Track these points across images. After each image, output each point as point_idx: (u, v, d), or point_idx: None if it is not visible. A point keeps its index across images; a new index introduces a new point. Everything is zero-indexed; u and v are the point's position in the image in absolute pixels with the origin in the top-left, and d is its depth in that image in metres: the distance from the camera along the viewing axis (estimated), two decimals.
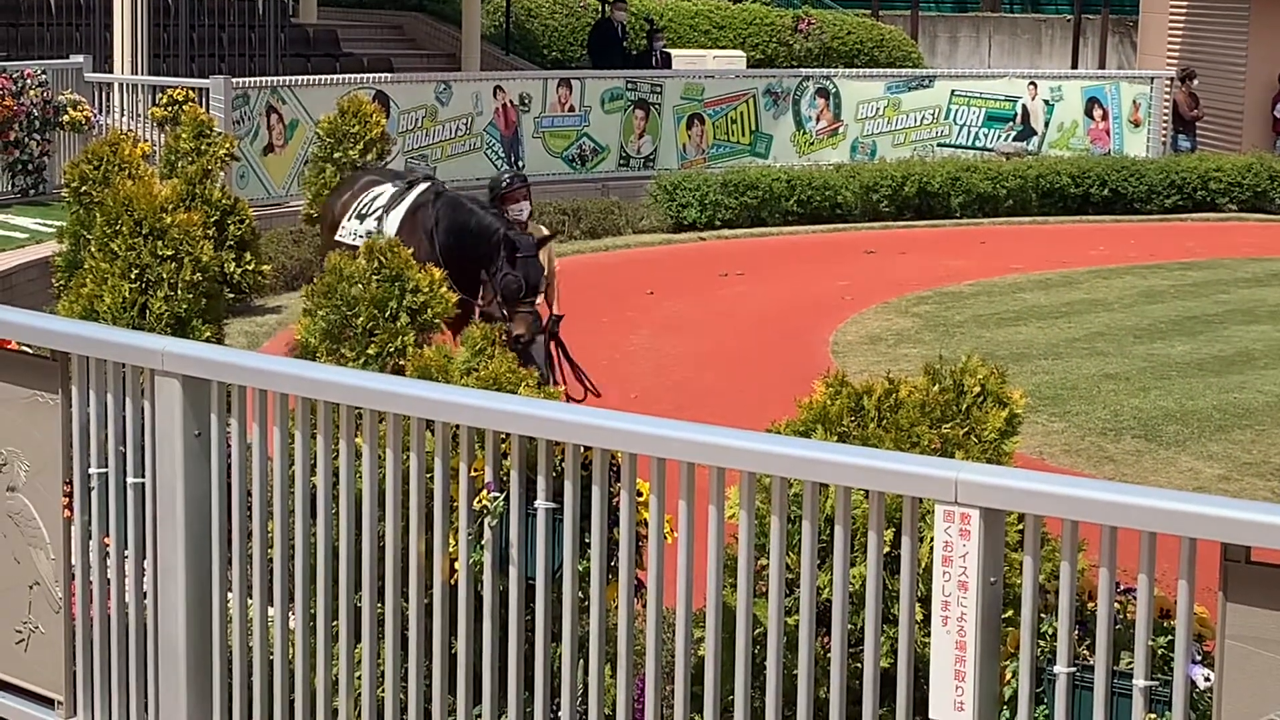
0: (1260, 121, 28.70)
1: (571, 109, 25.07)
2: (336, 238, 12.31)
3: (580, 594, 4.96)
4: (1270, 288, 19.52)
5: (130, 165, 15.49)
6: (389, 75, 24.45)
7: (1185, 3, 31.69)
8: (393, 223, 11.93)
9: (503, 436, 5.05)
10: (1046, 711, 4.34)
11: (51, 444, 5.67)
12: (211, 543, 5.39)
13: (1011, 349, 15.73)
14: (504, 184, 12.09)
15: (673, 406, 13.06)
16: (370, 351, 8.90)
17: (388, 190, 12.37)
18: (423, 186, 12.23)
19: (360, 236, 11.87)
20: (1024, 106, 27.85)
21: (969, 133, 27.54)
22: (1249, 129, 28.93)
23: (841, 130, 26.85)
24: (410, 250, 11.01)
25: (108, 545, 5.62)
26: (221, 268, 14.78)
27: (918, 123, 27.29)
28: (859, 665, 4.59)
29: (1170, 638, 4.23)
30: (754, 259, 21.48)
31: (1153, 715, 4.20)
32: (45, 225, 18.19)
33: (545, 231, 12.24)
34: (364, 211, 12.29)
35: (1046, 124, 27.91)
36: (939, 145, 27.22)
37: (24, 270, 16.36)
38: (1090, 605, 4.41)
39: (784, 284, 19.58)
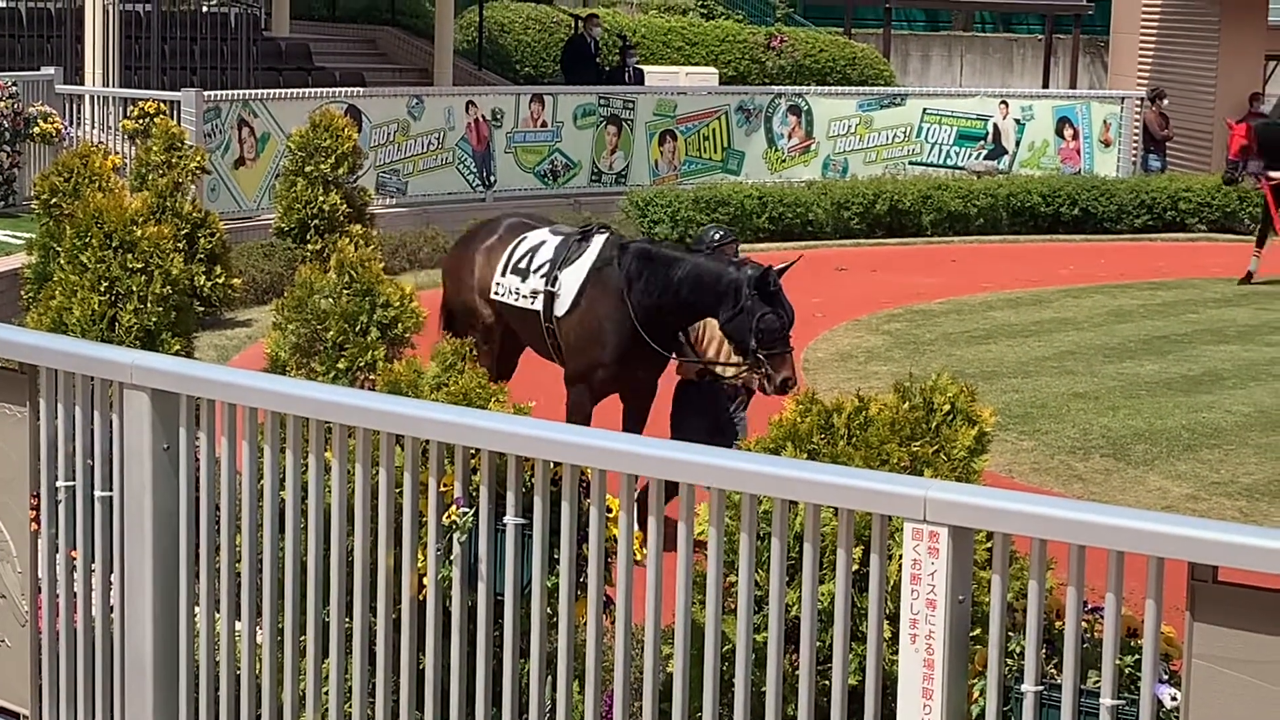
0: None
1: (544, 124, 25.07)
2: (493, 295, 11.09)
3: (549, 610, 4.95)
4: (1239, 308, 19.59)
5: (101, 178, 15.45)
6: (361, 89, 24.43)
7: (1156, 23, 31.81)
8: (571, 281, 10.68)
9: (472, 452, 5.04)
10: None
11: (19, 457, 5.65)
12: (179, 557, 5.37)
13: (981, 367, 15.75)
14: (716, 239, 10.74)
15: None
16: (340, 366, 8.88)
17: (549, 241, 11.04)
18: (601, 239, 10.85)
19: (526, 296, 10.83)
20: (995, 125, 27.92)
21: (940, 151, 27.60)
22: (1219, 149, 28.99)
23: (813, 147, 26.89)
24: (600, 314, 10.48)
25: (75, 559, 5.59)
26: (192, 281, 14.75)
27: (889, 141, 27.35)
28: (827, 683, 4.59)
29: (1137, 657, 4.24)
30: None
31: None
32: (14, 237, 18.14)
33: None
34: (523, 266, 10.95)
35: (1018, 143, 27.98)
36: (910, 163, 27.28)
37: None
38: (1058, 624, 4.41)
39: None
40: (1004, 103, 28.26)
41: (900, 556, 4.36)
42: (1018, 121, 28.06)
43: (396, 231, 21.42)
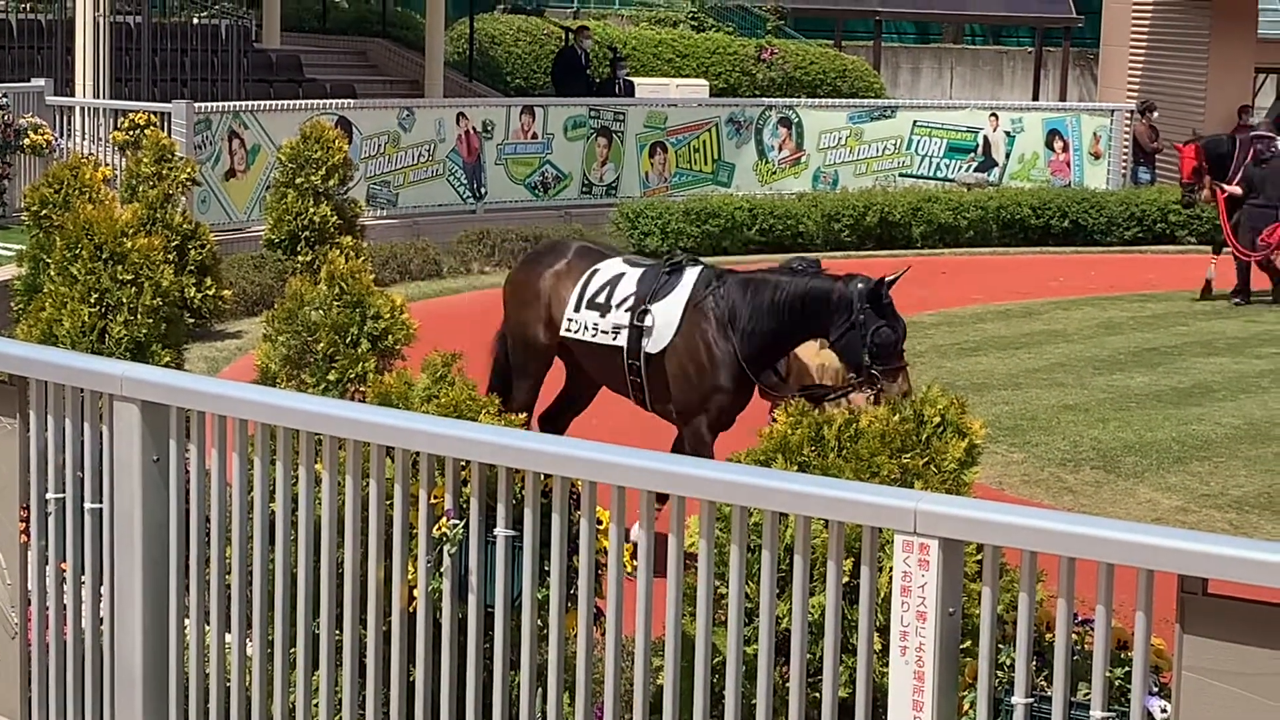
0: None
1: (534, 136, 25.08)
2: (565, 332, 10.54)
3: (539, 622, 4.95)
4: (1228, 320, 19.61)
5: (91, 189, 15.44)
6: (352, 101, 24.44)
7: (1145, 36, 31.87)
8: (667, 317, 10.17)
9: (463, 464, 5.04)
10: None
11: (9, 468, 5.64)
12: (169, 569, 5.37)
13: (972, 379, 15.76)
14: (798, 269, 10.22)
15: (634, 435, 13.04)
16: (331, 377, 8.89)
17: (629, 273, 10.47)
18: (695, 271, 10.35)
19: (607, 332, 10.32)
20: (985, 138, 27.95)
21: (930, 163, 27.63)
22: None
23: (804, 159, 26.91)
24: (705, 346, 10.00)
25: (65, 570, 5.59)
26: (182, 293, 14.73)
27: (879, 153, 27.37)
28: (817, 695, 4.59)
29: (1127, 669, 4.25)
30: None
31: None
32: (4, 249, 18.12)
33: None
34: (602, 300, 10.40)
35: (1007, 155, 28.01)
36: (901, 175, 27.31)
37: None
38: (1048, 636, 4.42)
39: None
40: (994, 115, 28.29)
41: (890, 569, 4.36)
42: (1008, 134, 28.09)
43: (387, 243, 21.42)
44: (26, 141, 20.48)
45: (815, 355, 10.32)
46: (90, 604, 5.55)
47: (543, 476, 4.87)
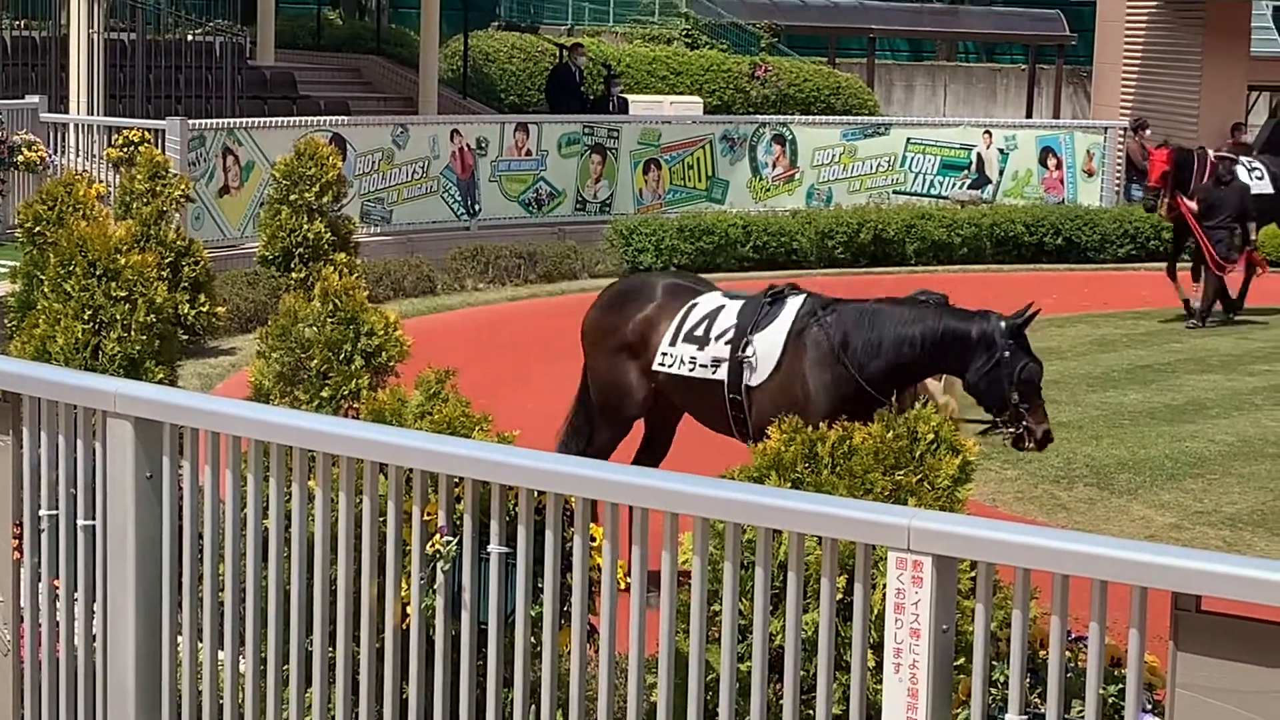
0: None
1: (528, 153, 25.10)
2: (658, 366, 10.11)
3: (533, 639, 4.95)
4: (1222, 337, 19.64)
5: (85, 206, 15.45)
6: (346, 118, 24.46)
7: (1139, 54, 31.92)
8: (769, 347, 9.80)
9: (456, 480, 5.04)
10: None
11: (1, 485, 5.63)
12: (162, 585, 5.36)
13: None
14: (924, 300, 9.92)
15: (626, 451, 13.03)
16: (324, 394, 8.89)
17: (729, 306, 10.12)
18: (797, 301, 10.00)
19: (706, 365, 9.92)
20: (979, 155, 27.99)
21: (924, 180, 27.66)
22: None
23: (797, 176, 26.94)
24: (808, 377, 9.59)
25: (57, 588, 5.58)
26: (175, 309, 14.74)
27: (873, 170, 27.41)
28: (811, 712, 4.58)
29: (1121, 686, 4.24)
30: None
31: None
32: None
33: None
34: (700, 333, 10.02)
35: (1001, 172, 28.05)
36: (894, 192, 27.34)
37: None
38: (1042, 653, 4.41)
39: None
40: (987, 132, 28.34)
41: (884, 586, 4.36)
42: (1001, 151, 28.13)
43: (381, 260, 21.43)
44: (20, 158, 20.49)
45: (934, 381, 10.09)
46: (83, 621, 5.54)
47: (536, 493, 4.87)
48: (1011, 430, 9.61)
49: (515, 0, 42.22)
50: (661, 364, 10.09)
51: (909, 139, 27.71)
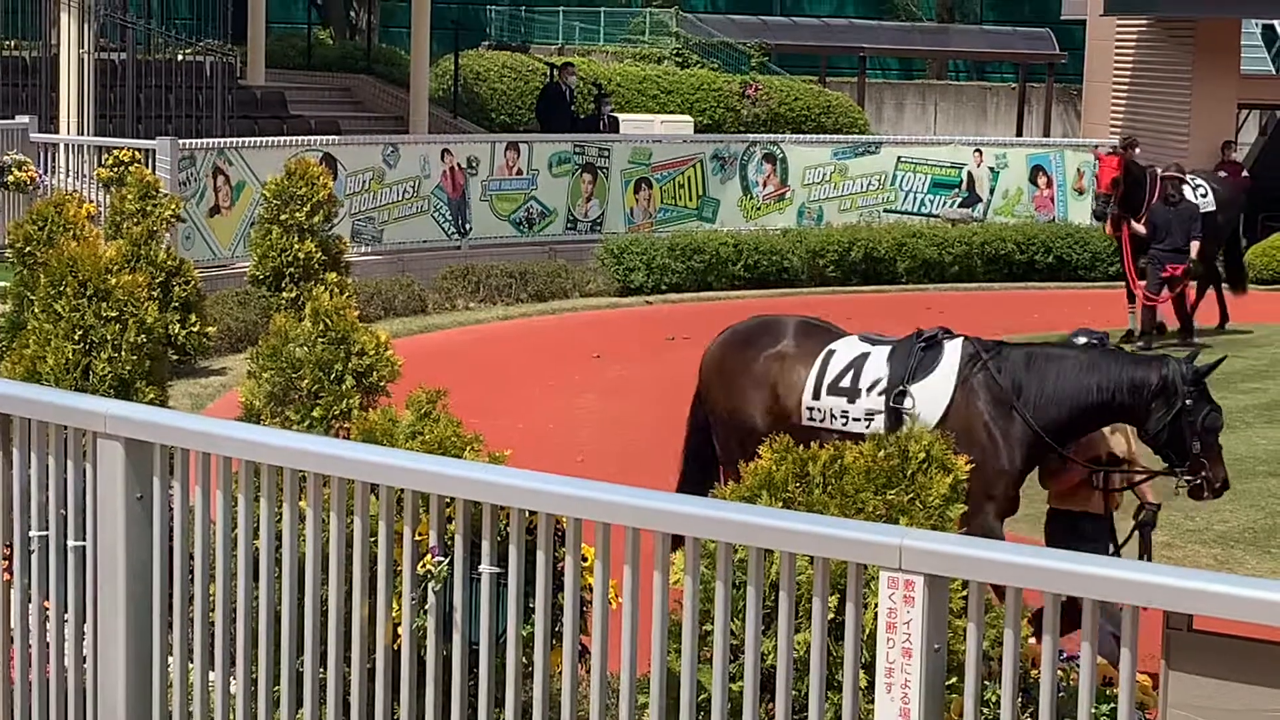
0: None
1: (519, 172, 25.11)
2: (807, 421, 9.47)
3: (524, 659, 4.94)
4: (1210, 355, 19.60)
5: (75, 226, 15.44)
6: (336, 137, 24.47)
7: (1129, 72, 31.97)
8: (931, 398, 9.21)
9: (447, 501, 5.03)
10: None
11: None
12: (153, 606, 5.35)
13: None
14: (1091, 343, 9.43)
15: (619, 470, 13.05)
16: (315, 414, 8.88)
17: (874, 352, 9.53)
18: (956, 345, 9.40)
19: (859, 419, 9.34)
20: (969, 173, 28.02)
21: (915, 199, 27.69)
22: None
23: (788, 195, 26.96)
24: (984, 428, 9.04)
25: (47, 608, 5.57)
26: (166, 329, 14.73)
27: (864, 188, 27.43)
28: None
29: (1113, 705, 4.24)
30: (700, 323, 21.44)
31: None
32: None
33: None
34: (847, 385, 9.41)
35: (991, 191, 28.08)
36: (885, 211, 27.37)
37: None
38: (1034, 672, 4.41)
39: None
40: (978, 151, 28.37)
41: (876, 605, 4.35)
42: (992, 169, 28.16)
43: (372, 279, 21.43)
44: (10, 178, 20.48)
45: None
46: (73, 642, 5.53)
47: (527, 513, 4.87)
48: (1190, 480, 9.15)
49: (506, 19, 42.30)
50: (810, 419, 9.47)
51: (900, 157, 27.74)
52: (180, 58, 25.25)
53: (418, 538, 5.06)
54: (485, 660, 4.93)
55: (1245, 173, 29.42)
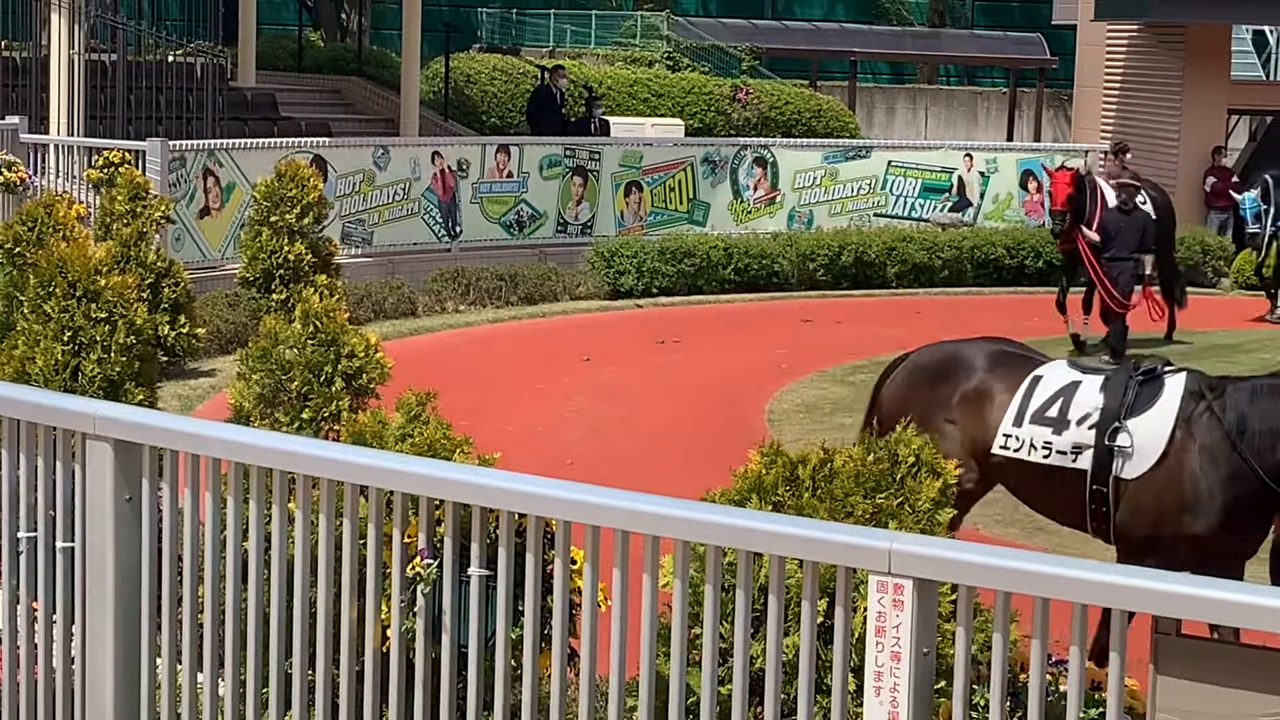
0: (1193, 195, 28.96)
1: (510, 175, 25.11)
2: (1000, 450, 8.98)
3: (513, 662, 4.93)
4: (1202, 361, 19.61)
5: (65, 227, 15.44)
6: (327, 139, 24.45)
7: (1119, 77, 32.02)
8: (1150, 437, 8.57)
9: (437, 503, 5.03)
10: None
11: None
12: (141, 608, 5.34)
13: None
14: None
15: (608, 473, 13.04)
16: (305, 416, 8.88)
17: (1085, 381, 8.91)
18: (1177, 381, 8.72)
19: (1064, 452, 8.77)
20: (960, 178, 28.04)
21: (905, 203, 27.71)
22: (1182, 202, 29.15)
23: (779, 199, 26.97)
24: (1200, 473, 8.49)
25: (36, 610, 5.56)
26: (155, 330, 14.72)
27: (854, 193, 27.44)
28: None
29: (1102, 710, 4.24)
30: (691, 326, 21.51)
31: None
32: None
33: None
34: (1054, 414, 8.84)
35: (982, 195, 28.10)
36: (875, 215, 27.38)
37: None
38: (1023, 677, 4.41)
39: (720, 352, 19.62)
40: (968, 155, 28.39)
41: (865, 609, 4.36)
42: (982, 174, 28.18)
43: (362, 281, 21.42)
44: (0, 179, 20.44)
45: None
46: (62, 644, 5.52)
47: (517, 516, 4.86)
48: None
49: (497, 22, 42.33)
50: (1005, 447, 8.95)
51: (890, 162, 27.76)
52: (171, 59, 25.22)
53: (407, 540, 5.06)
54: (474, 663, 4.93)
55: (1235, 178, 29.50)
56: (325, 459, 5.05)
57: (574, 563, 4.86)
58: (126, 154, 20.16)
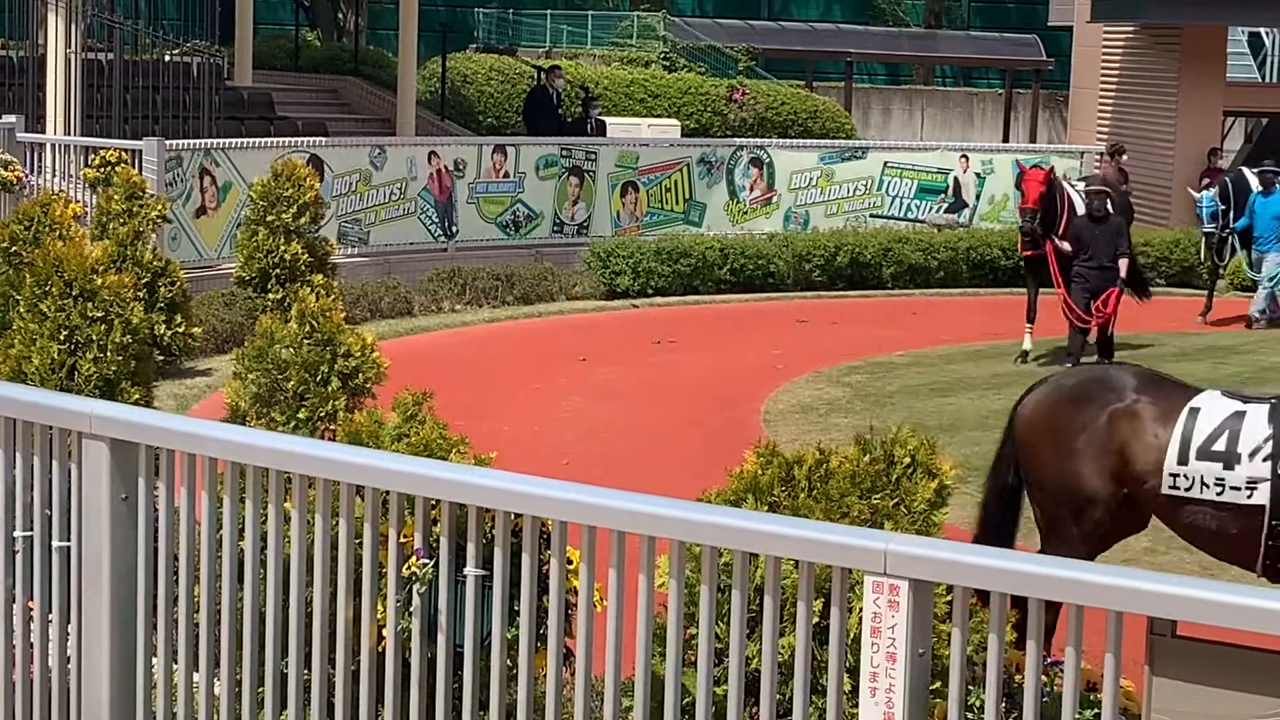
0: (1188, 197, 28.95)
1: (506, 175, 25.11)
2: (1170, 490, 8.56)
3: (509, 662, 4.94)
4: (1198, 362, 19.66)
5: (61, 226, 15.43)
6: (323, 139, 24.44)
7: (1115, 79, 32.04)
8: None
9: (433, 503, 5.03)
10: None
11: None
12: (138, 607, 5.34)
13: (942, 419, 15.78)
14: None
15: (604, 473, 13.05)
16: (301, 415, 8.88)
17: (1250, 411, 8.53)
18: None
19: (1238, 489, 8.39)
20: (956, 179, 28.05)
21: (901, 204, 27.72)
22: (1177, 204, 29.21)
23: (775, 200, 26.98)
24: None
25: (32, 609, 5.56)
26: (152, 330, 14.72)
27: (850, 193, 27.45)
28: None
29: (1097, 711, 4.24)
30: (687, 327, 21.52)
31: None
32: None
33: None
34: (1221, 449, 8.41)
35: (978, 196, 28.11)
36: (871, 216, 27.39)
37: None
38: (1018, 678, 4.41)
39: (716, 352, 19.62)
40: (964, 156, 28.41)
41: (860, 609, 4.36)
42: (978, 175, 28.20)
43: (358, 281, 21.42)
44: None
45: None
46: (58, 643, 5.52)
47: (513, 516, 4.86)
48: None
49: (494, 22, 42.32)
50: (1174, 487, 8.52)
51: (886, 162, 27.77)
52: (167, 58, 25.21)
53: (403, 540, 5.06)
54: (470, 663, 4.93)
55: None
56: (321, 459, 5.05)
57: (570, 563, 4.87)
58: (123, 153, 20.16)
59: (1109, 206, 19.14)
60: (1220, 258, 23.76)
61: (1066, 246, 18.77)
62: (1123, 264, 18.73)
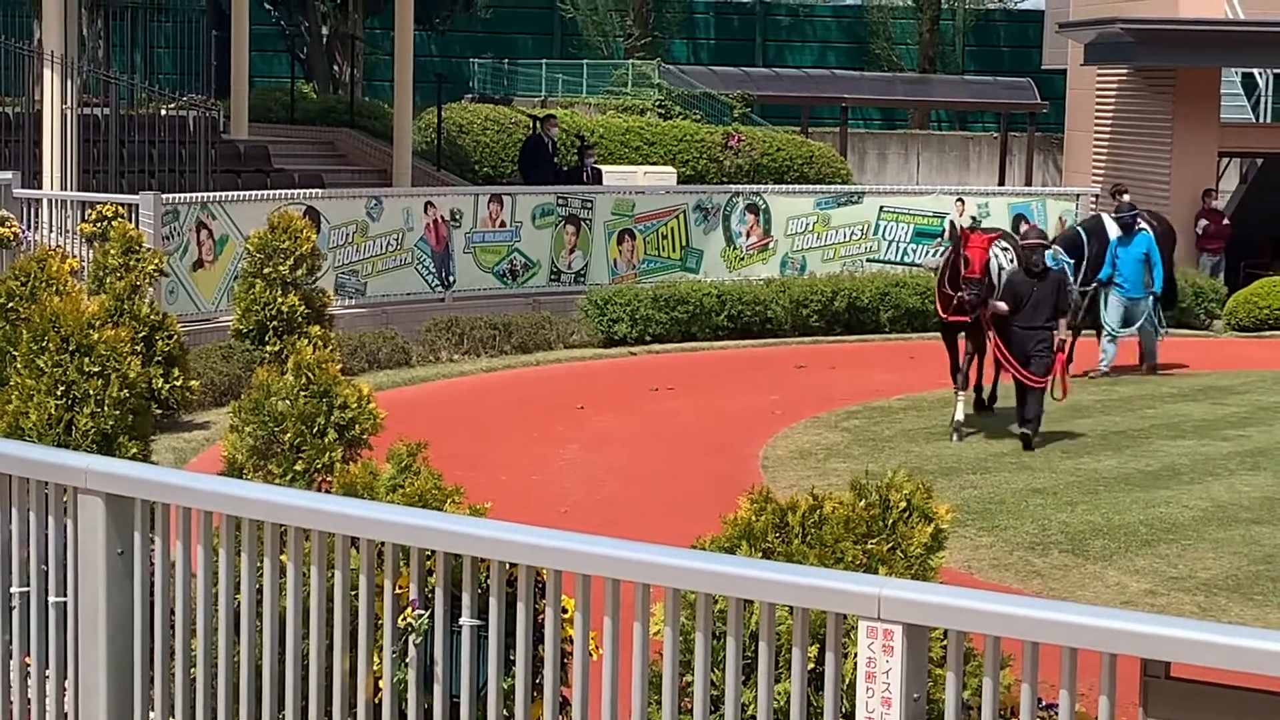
0: (1184, 237, 29.02)
1: (503, 224, 25.15)
2: None
3: (505, 712, 4.94)
4: (1195, 403, 19.68)
5: (58, 281, 15.45)
6: (319, 190, 24.47)
7: (1109, 121, 32.12)
8: None
9: (428, 553, 5.04)
10: None
11: None
12: (134, 661, 5.34)
13: (940, 463, 15.78)
14: None
15: (603, 521, 13.05)
16: (298, 467, 8.88)
17: None
18: None
19: None
20: (952, 222, 28.06)
21: (898, 248, 27.76)
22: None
23: (771, 245, 27.02)
24: None
25: (28, 665, 5.56)
26: (149, 384, 14.72)
27: (847, 238, 27.49)
28: None
29: None
30: (684, 374, 21.53)
31: None
32: None
33: None
34: None
35: None
36: (868, 260, 27.43)
37: None
38: None
39: (714, 398, 19.63)
40: (960, 200, 28.46)
41: (855, 655, 4.36)
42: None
43: (356, 332, 21.43)
44: None
45: None
46: (54, 698, 5.52)
47: (508, 565, 4.87)
48: None
49: (489, 72, 42.44)
50: None
51: (882, 207, 27.82)
52: (163, 112, 25.28)
53: (398, 591, 5.06)
54: (466, 713, 4.93)
55: (1226, 220, 29.58)
56: (316, 510, 5.06)
57: (565, 611, 4.87)
58: (119, 208, 20.21)
59: (1046, 259, 17.67)
60: (1090, 314, 22.24)
61: (1002, 307, 17.19)
62: (1061, 324, 17.34)
